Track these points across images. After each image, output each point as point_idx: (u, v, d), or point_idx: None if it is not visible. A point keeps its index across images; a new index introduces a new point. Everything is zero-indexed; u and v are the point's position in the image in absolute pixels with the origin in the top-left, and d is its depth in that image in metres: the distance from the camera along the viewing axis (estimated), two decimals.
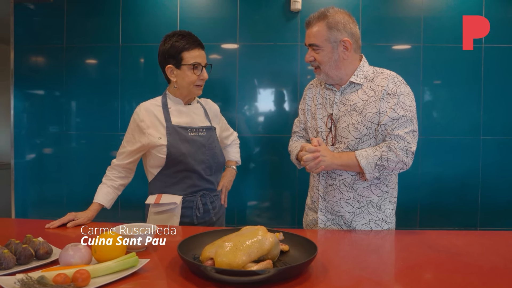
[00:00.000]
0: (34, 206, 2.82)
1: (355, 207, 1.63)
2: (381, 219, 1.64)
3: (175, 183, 1.71)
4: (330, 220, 1.67)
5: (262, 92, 2.70)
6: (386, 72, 1.61)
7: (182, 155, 1.66)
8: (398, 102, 1.54)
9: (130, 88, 2.72)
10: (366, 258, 1.24)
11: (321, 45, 1.57)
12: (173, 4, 2.67)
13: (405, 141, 1.52)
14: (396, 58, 2.64)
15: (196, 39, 1.71)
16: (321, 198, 1.67)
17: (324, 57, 1.58)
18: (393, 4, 2.63)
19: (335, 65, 1.59)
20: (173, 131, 1.68)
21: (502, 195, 2.62)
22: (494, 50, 2.58)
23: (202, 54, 1.72)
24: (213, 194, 1.80)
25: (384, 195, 1.64)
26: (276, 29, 2.64)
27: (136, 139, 1.71)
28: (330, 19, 1.55)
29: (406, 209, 2.57)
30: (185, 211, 1.71)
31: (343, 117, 1.60)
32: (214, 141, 1.77)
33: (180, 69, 1.68)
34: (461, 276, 1.07)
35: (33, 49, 2.80)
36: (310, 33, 1.59)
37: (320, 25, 1.56)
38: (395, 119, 1.53)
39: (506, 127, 2.60)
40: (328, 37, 1.55)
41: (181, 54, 1.67)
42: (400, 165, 1.53)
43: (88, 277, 0.95)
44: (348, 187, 1.62)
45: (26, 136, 2.81)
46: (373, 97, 1.57)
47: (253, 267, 1.02)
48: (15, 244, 1.12)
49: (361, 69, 1.62)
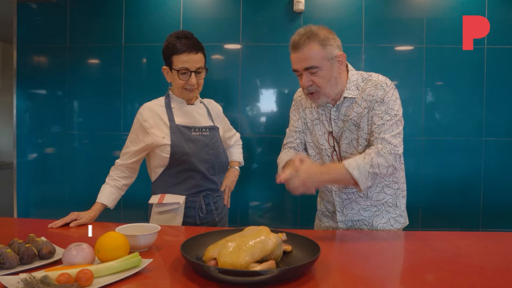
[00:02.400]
0: (36, 206, 2.82)
1: (373, 211, 1.63)
2: (399, 215, 1.65)
3: (179, 182, 1.71)
4: (351, 227, 1.66)
5: (264, 93, 2.70)
6: (374, 79, 1.53)
7: (185, 155, 1.66)
8: (387, 109, 1.48)
9: (133, 88, 2.73)
10: (368, 258, 1.24)
11: (320, 66, 1.44)
12: (176, 5, 2.67)
13: (391, 144, 1.44)
14: (399, 59, 2.64)
15: (192, 42, 1.64)
16: (339, 212, 1.65)
17: (325, 78, 1.46)
18: (395, 5, 2.63)
19: (335, 83, 1.50)
20: (176, 131, 1.68)
21: (505, 196, 2.61)
22: (496, 51, 2.58)
23: (193, 59, 1.63)
24: (216, 195, 1.80)
25: (397, 192, 1.64)
26: (279, 30, 2.64)
27: (140, 139, 1.71)
28: (320, 37, 1.44)
29: (408, 210, 2.53)
30: (188, 211, 1.71)
31: (344, 134, 1.56)
32: (217, 141, 1.77)
33: (172, 72, 1.67)
34: (463, 277, 1.06)
35: (36, 48, 2.80)
36: (304, 56, 1.44)
37: (313, 44, 1.43)
38: (379, 124, 1.47)
39: (508, 128, 2.60)
40: (325, 55, 1.44)
41: (171, 57, 1.65)
42: (390, 169, 1.44)
43: (91, 277, 0.95)
44: (363, 197, 1.60)
45: (28, 135, 2.82)
46: (366, 108, 1.51)
47: (256, 267, 1.01)
48: (18, 243, 1.12)
49: (351, 79, 1.54)
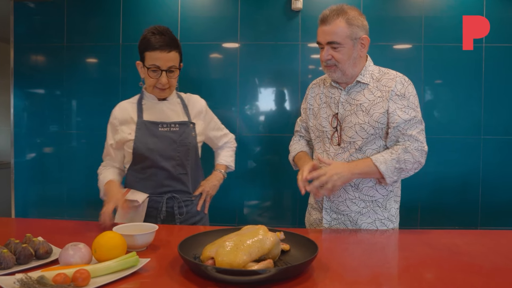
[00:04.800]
0: (34, 206, 2.81)
1: (361, 206, 1.62)
2: (387, 218, 1.63)
3: (143, 179, 1.66)
4: (335, 220, 1.66)
5: (263, 92, 2.70)
6: (392, 73, 1.60)
7: (148, 151, 1.62)
8: (408, 103, 1.54)
9: (131, 87, 2.72)
10: (366, 257, 1.23)
11: (342, 43, 1.50)
12: (174, 3, 2.66)
13: (418, 141, 1.52)
14: (397, 58, 2.63)
15: (166, 39, 1.58)
16: (325, 197, 1.66)
17: (345, 55, 1.52)
18: (394, 4, 2.63)
19: (353, 63, 1.55)
20: (142, 126, 1.65)
21: (503, 194, 2.61)
22: (494, 50, 2.58)
23: (166, 57, 1.57)
24: (185, 198, 1.69)
25: (389, 194, 1.64)
26: (277, 28, 2.64)
27: (110, 136, 1.72)
28: (349, 15, 1.50)
29: (407, 209, 2.56)
30: (151, 211, 1.65)
31: (349, 117, 1.59)
32: (188, 137, 1.67)
33: (144, 68, 1.63)
34: (461, 276, 1.06)
35: (33, 48, 2.79)
36: (329, 30, 1.50)
37: (340, 21, 1.49)
38: (407, 120, 1.52)
39: (506, 126, 2.60)
40: (349, 34, 1.50)
41: (144, 53, 1.61)
42: (416, 165, 1.52)
43: (88, 276, 0.94)
44: (353, 187, 1.61)
45: (26, 135, 2.81)
46: (380, 97, 1.55)
47: (254, 266, 1.01)
48: (14, 243, 1.11)
49: (367, 68, 1.60)
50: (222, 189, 1.87)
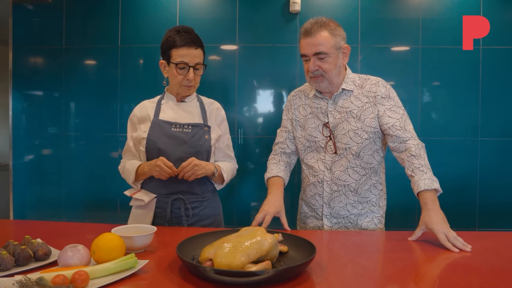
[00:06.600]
0: (32, 207, 2.81)
1: (359, 208, 1.68)
2: (381, 216, 1.73)
3: (153, 179, 1.67)
4: (336, 224, 1.70)
5: (261, 93, 2.70)
6: (372, 78, 1.67)
7: (158, 150, 1.64)
8: (395, 103, 1.62)
9: (129, 89, 2.72)
10: (364, 258, 1.24)
11: (328, 52, 1.55)
12: (172, 5, 2.67)
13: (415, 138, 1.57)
14: (395, 60, 2.64)
15: (191, 37, 1.64)
16: (325, 205, 1.69)
17: (331, 64, 1.57)
18: (391, 6, 2.64)
19: (338, 72, 1.61)
20: (156, 125, 1.67)
21: (500, 196, 2.62)
22: (492, 52, 2.59)
23: (192, 54, 1.63)
24: (192, 200, 1.69)
25: (380, 193, 1.72)
26: (275, 31, 2.64)
27: (130, 134, 1.76)
28: (331, 26, 1.56)
29: (405, 210, 2.57)
30: (159, 212, 1.67)
31: (340, 124, 1.63)
32: (200, 140, 1.68)
33: (170, 66, 1.67)
34: (459, 277, 1.07)
35: (32, 50, 2.79)
36: (315, 41, 1.54)
37: (324, 32, 1.55)
38: (399, 118, 1.58)
39: (504, 128, 2.61)
40: (334, 44, 1.56)
41: (170, 50, 1.64)
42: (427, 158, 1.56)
43: (87, 278, 0.95)
44: (353, 191, 1.66)
45: (24, 137, 2.80)
46: (367, 103, 1.62)
47: (252, 268, 1.02)
48: (13, 245, 1.11)
49: (348, 76, 1.66)
50: (220, 191, 1.87)
